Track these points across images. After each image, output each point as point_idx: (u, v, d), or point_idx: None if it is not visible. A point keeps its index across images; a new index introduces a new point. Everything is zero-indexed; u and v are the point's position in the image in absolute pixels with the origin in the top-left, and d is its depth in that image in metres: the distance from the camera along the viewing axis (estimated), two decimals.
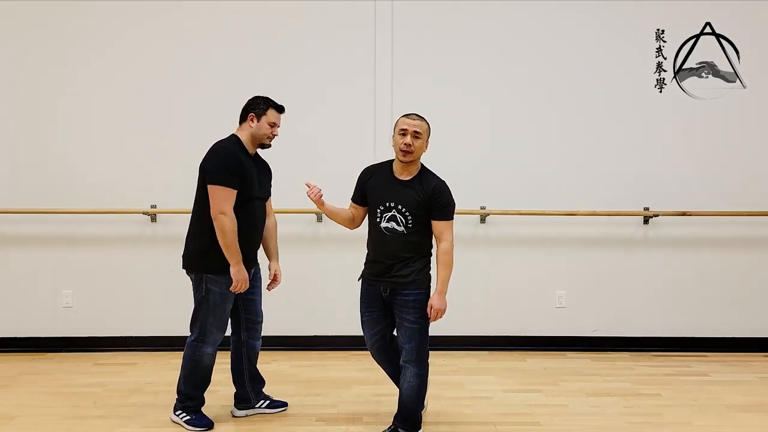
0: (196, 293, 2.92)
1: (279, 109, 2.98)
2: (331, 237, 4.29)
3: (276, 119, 2.97)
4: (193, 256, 2.93)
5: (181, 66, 4.25)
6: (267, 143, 2.99)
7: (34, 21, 4.20)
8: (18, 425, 3.07)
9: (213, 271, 2.87)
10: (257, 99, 2.97)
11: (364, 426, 3.08)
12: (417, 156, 2.76)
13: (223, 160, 2.80)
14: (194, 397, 3.04)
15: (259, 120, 2.93)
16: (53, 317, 4.31)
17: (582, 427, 3.09)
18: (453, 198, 2.83)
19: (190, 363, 2.97)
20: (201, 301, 2.91)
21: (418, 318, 2.78)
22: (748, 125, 4.34)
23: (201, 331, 2.93)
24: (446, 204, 2.78)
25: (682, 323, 4.42)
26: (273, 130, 2.97)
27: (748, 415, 3.26)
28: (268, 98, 2.98)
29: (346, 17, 4.26)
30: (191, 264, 2.93)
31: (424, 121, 2.78)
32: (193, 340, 2.95)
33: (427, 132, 2.77)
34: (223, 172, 2.78)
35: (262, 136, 2.95)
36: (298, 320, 4.34)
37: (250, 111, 2.94)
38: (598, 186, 4.35)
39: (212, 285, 2.88)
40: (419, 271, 2.79)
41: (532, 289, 4.41)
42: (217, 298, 2.89)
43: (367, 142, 4.25)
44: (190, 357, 2.96)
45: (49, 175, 4.24)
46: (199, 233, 2.89)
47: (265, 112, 2.93)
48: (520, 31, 4.30)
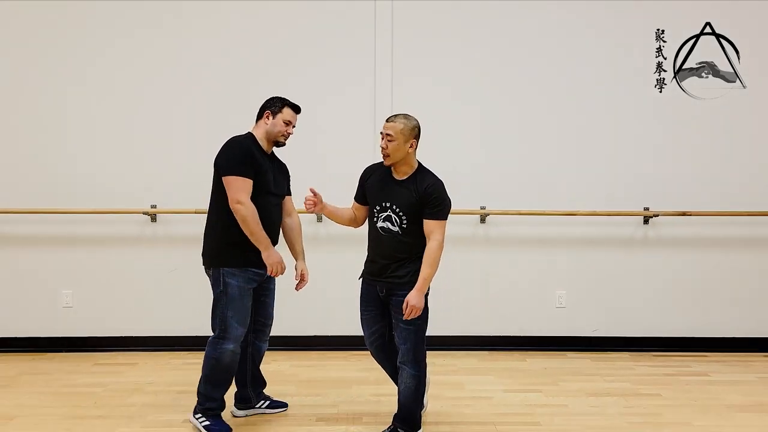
0: (215, 289, 2.90)
1: (295, 109, 3.02)
2: (331, 237, 4.29)
3: (291, 118, 2.99)
4: (210, 251, 2.93)
5: (181, 66, 4.25)
6: (282, 141, 3.00)
7: (36, 21, 4.20)
8: (18, 425, 3.06)
9: (230, 265, 2.86)
10: (274, 98, 3.01)
11: (364, 426, 3.08)
12: (396, 158, 2.73)
13: (236, 151, 2.83)
14: (214, 399, 2.95)
15: (275, 117, 2.95)
16: (53, 317, 4.31)
17: (582, 427, 3.09)
18: (448, 199, 2.78)
19: (210, 361, 2.90)
20: (219, 295, 2.88)
21: (413, 319, 2.76)
22: (748, 125, 4.34)
23: (222, 326, 2.87)
24: (438, 203, 2.73)
25: (682, 323, 4.42)
26: (288, 129, 2.99)
27: (748, 415, 3.26)
28: (285, 98, 3.02)
29: (346, 17, 4.26)
30: (209, 259, 2.93)
31: (399, 122, 2.71)
32: (215, 337, 2.90)
33: (401, 133, 2.68)
34: (236, 162, 2.80)
35: (277, 133, 2.96)
36: (298, 320, 4.34)
37: (266, 109, 2.98)
38: (598, 186, 4.35)
39: (230, 279, 2.86)
40: (415, 272, 2.74)
41: (532, 289, 4.41)
42: (236, 291, 2.87)
43: (367, 142, 4.24)
44: (210, 355, 2.90)
45: (50, 175, 4.24)
46: (215, 229, 2.91)
47: (281, 110, 2.96)
48: (519, 31, 4.30)
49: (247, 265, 2.88)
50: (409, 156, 2.76)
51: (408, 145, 2.72)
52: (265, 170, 2.90)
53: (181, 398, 3.42)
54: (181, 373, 3.87)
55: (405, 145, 2.71)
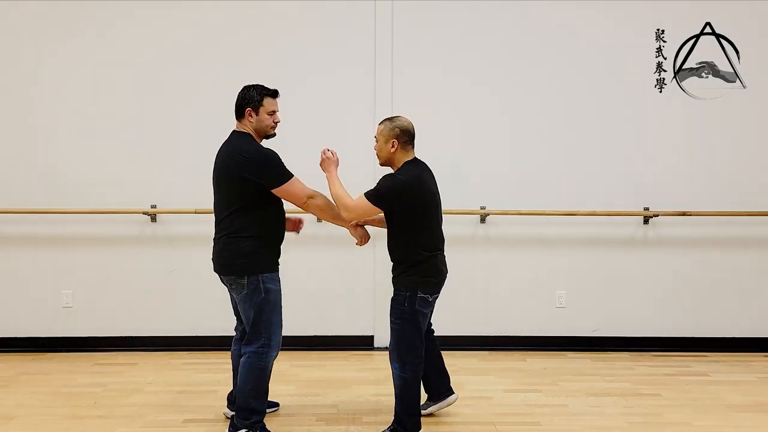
0: (254, 297, 2.75)
1: (274, 95, 2.85)
2: (331, 237, 4.29)
3: (274, 106, 2.84)
4: (242, 259, 2.75)
5: (181, 67, 4.25)
6: (272, 133, 2.88)
7: (33, 20, 4.20)
8: (18, 425, 3.07)
9: (268, 270, 2.79)
10: (249, 90, 2.82)
11: (364, 426, 3.08)
12: (381, 158, 2.90)
13: (273, 159, 2.74)
14: (262, 411, 2.83)
15: (258, 113, 2.80)
16: (53, 317, 4.31)
17: (582, 427, 3.09)
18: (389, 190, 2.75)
19: (256, 373, 2.77)
20: (262, 303, 2.76)
21: (395, 318, 2.83)
22: (748, 125, 4.34)
23: (267, 334, 2.77)
24: (376, 187, 2.78)
25: (682, 323, 4.42)
26: (274, 118, 2.84)
27: (748, 415, 3.26)
28: (259, 86, 2.84)
29: (346, 16, 4.25)
30: (242, 268, 2.75)
31: (383, 124, 2.87)
32: (260, 347, 2.77)
33: (381, 134, 2.85)
34: (281, 169, 2.74)
35: (266, 127, 2.83)
36: (299, 320, 4.34)
37: (245, 106, 2.80)
38: (599, 186, 4.35)
39: (270, 284, 2.79)
40: (400, 273, 2.83)
41: (532, 289, 4.41)
42: (277, 296, 2.82)
43: (367, 142, 4.23)
44: (256, 366, 2.76)
45: (50, 175, 4.24)
46: (242, 237, 2.75)
47: (261, 102, 2.80)
48: (519, 31, 4.30)
49: (277, 267, 2.86)
50: (393, 157, 2.86)
51: (389, 146, 2.84)
52: None
53: (181, 398, 3.42)
54: (181, 373, 3.87)
55: (386, 145, 2.85)
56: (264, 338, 2.78)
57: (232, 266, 2.78)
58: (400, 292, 2.83)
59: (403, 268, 2.82)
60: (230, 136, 2.87)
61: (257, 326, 2.78)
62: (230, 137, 2.86)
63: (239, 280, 2.77)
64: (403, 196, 2.75)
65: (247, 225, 2.76)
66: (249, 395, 2.78)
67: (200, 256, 4.30)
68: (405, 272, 2.81)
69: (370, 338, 4.40)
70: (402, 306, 2.81)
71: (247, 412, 2.79)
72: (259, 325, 2.78)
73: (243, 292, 2.78)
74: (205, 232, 4.21)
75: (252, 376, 2.78)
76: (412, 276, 2.80)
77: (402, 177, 2.79)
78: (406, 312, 2.81)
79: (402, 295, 2.81)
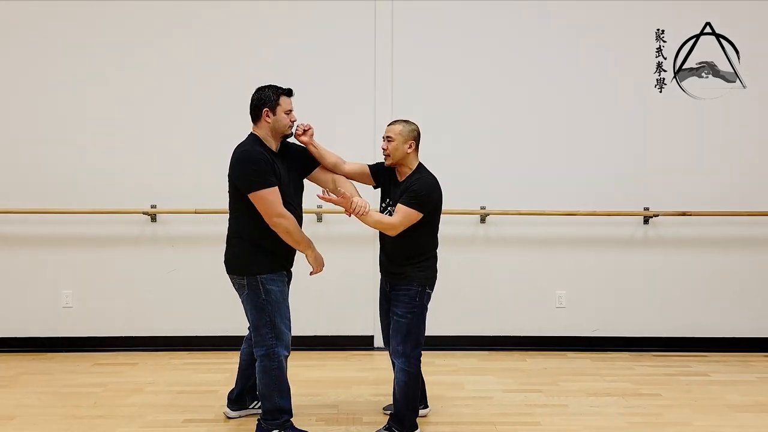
0: (256, 299, 2.78)
1: (289, 94, 2.84)
2: (331, 237, 4.29)
3: (289, 105, 2.82)
4: (243, 259, 2.80)
5: (181, 67, 4.25)
6: (289, 132, 2.86)
7: (36, 22, 4.20)
8: (18, 425, 3.07)
9: (268, 271, 2.80)
10: (265, 91, 2.81)
11: (364, 426, 3.08)
12: (395, 157, 2.86)
13: (251, 164, 2.68)
14: (288, 409, 2.86)
15: (275, 112, 2.78)
16: (53, 317, 4.31)
17: (582, 427, 3.09)
18: (428, 194, 2.78)
19: (274, 373, 2.79)
20: (264, 304, 2.77)
21: (405, 312, 2.83)
22: (748, 125, 4.34)
23: (273, 333, 2.78)
24: (414, 194, 2.76)
25: (682, 323, 4.42)
26: (290, 117, 2.82)
27: (748, 415, 3.26)
28: (273, 86, 2.83)
29: (346, 16, 4.26)
30: (241, 268, 2.80)
31: (398, 125, 2.86)
32: (268, 348, 2.79)
33: (399, 134, 2.83)
34: (255, 175, 2.67)
35: (283, 127, 2.81)
36: (299, 320, 4.30)
37: (262, 106, 2.78)
38: (598, 186, 4.35)
39: (271, 285, 2.79)
40: (413, 268, 2.84)
41: (532, 289, 4.41)
42: (279, 296, 2.82)
43: (367, 142, 4.24)
44: (271, 367, 2.79)
45: (49, 175, 4.24)
46: (242, 238, 2.80)
47: (278, 101, 2.78)
48: (519, 31, 4.30)
49: (281, 268, 2.86)
50: (408, 157, 2.87)
51: (406, 146, 2.84)
52: (280, 175, 2.76)
53: (181, 398, 3.42)
54: (181, 373, 3.87)
55: (403, 145, 2.84)
56: (270, 339, 2.79)
57: (234, 266, 2.83)
58: (412, 286, 2.83)
59: (415, 263, 2.84)
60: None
61: (260, 327, 2.80)
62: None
63: (240, 280, 2.81)
64: (437, 195, 2.84)
65: (248, 227, 2.79)
66: (272, 396, 2.82)
67: (200, 256, 4.33)
68: (417, 267, 2.84)
69: (370, 338, 4.41)
70: (414, 300, 2.83)
71: (276, 413, 2.83)
72: (262, 326, 2.79)
73: (244, 292, 2.82)
74: (205, 232, 4.24)
75: (270, 378, 2.81)
76: (424, 271, 2.86)
77: (432, 178, 2.85)
78: (416, 306, 2.84)
79: (414, 289, 2.83)
